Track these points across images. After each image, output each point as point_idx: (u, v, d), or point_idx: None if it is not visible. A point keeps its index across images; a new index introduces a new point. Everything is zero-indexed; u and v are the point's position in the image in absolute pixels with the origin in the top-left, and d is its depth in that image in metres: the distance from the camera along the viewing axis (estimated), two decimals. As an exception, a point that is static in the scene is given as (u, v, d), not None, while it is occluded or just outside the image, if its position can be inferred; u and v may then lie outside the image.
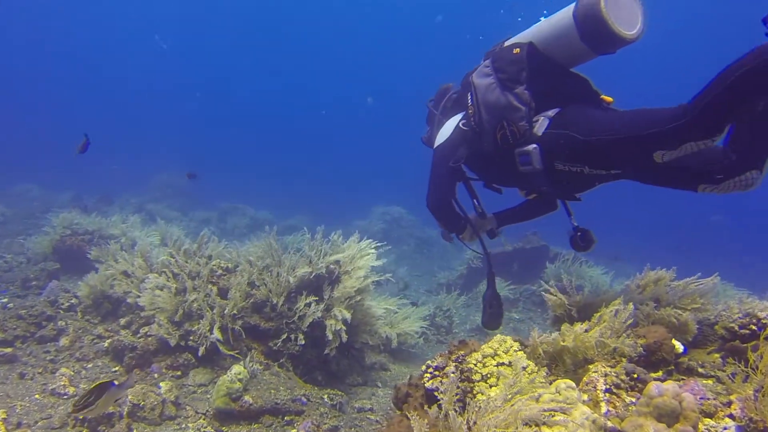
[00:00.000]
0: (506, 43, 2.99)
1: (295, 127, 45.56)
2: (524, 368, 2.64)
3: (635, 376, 2.36)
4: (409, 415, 2.32)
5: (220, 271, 4.84)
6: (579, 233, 3.19)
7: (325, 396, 4.18)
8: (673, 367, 2.52)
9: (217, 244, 5.26)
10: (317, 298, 4.50)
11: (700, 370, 2.48)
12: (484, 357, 2.67)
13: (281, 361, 4.39)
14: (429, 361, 2.84)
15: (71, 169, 17.70)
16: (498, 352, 2.68)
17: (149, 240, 7.89)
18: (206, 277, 4.65)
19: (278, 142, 41.66)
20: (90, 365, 4.47)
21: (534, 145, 2.71)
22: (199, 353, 4.26)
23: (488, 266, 3.30)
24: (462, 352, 2.85)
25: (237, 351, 4.35)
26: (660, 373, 2.50)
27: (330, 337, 4.34)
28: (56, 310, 5.23)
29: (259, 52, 43.31)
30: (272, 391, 3.94)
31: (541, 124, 2.75)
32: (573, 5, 2.68)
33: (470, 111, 2.93)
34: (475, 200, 3.32)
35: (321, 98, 46.62)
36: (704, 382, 2.36)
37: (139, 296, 4.59)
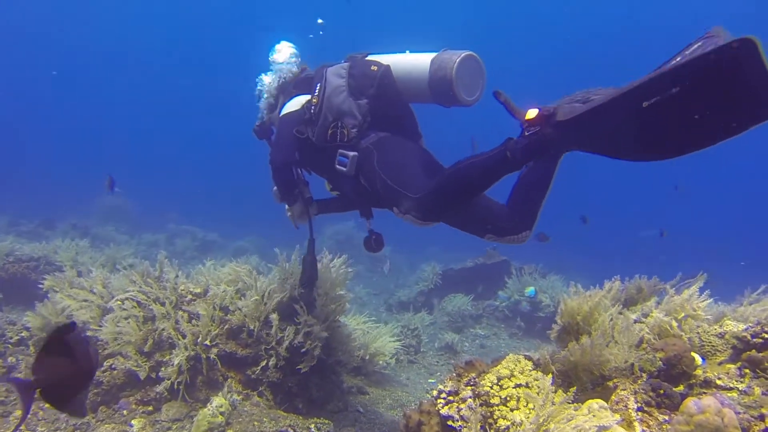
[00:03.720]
0: (368, 57, 3.35)
1: (236, 144, 44.50)
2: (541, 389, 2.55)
3: (661, 391, 2.30)
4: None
5: (189, 297, 4.55)
6: (374, 237, 3.61)
7: (312, 426, 3.96)
8: (693, 381, 2.48)
9: (175, 268, 4.94)
10: (295, 321, 4.29)
11: (718, 382, 2.45)
12: (500, 379, 2.56)
13: (260, 389, 4.15)
14: (440, 386, 2.72)
15: (3, 191, 16.71)
16: (514, 373, 2.58)
17: (99, 262, 7.49)
18: (175, 303, 4.37)
19: (220, 161, 40.52)
20: (48, 404, 4.07)
21: (355, 153, 3.07)
22: (158, 389, 3.96)
23: (310, 232, 3.75)
24: (473, 374, 2.74)
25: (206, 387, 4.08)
26: (682, 387, 2.46)
27: (308, 357, 4.18)
28: (4, 344, 4.80)
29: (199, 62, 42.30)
30: (255, 423, 3.69)
31: (368, 139, 3.12)
32: (434, 54, 3.10)
33: (314, 100, 3.21)
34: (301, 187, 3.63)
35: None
36: (728, 395, 2.33)
37: (99, 328, 4.25)
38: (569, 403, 2.23)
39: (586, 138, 2.24)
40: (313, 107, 3.19)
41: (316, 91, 3.21)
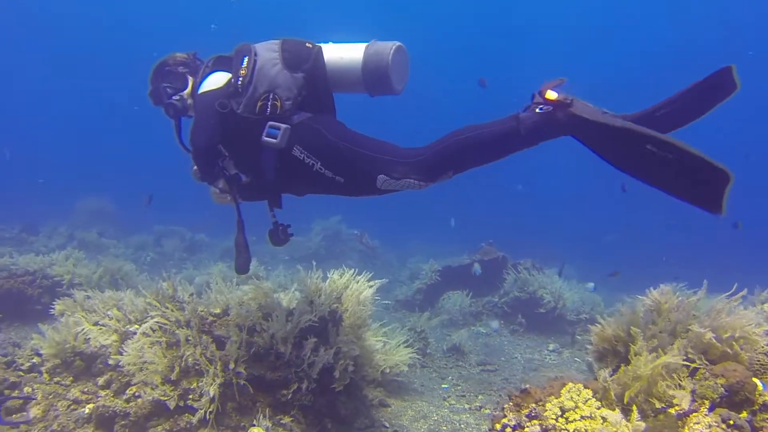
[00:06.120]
0: None
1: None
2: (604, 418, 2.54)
3: (731, 422, 2.31)
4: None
5: (210, 318, 4.45)
6: (281, 228, 3.61)
7: (350, 450, 3.93)
8: (756, 407, 2.49)
9: (189, 288, 4.81)
10: (324, 342, 4.23)
11: (779, 406, 2.47)
12: (564, 411, 2.55)
13: (292, 413, 4.09)
14: (505, 420, 2.68)
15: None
16: (578, 404, 2.56)
17: (97, 274, 7.36)
18: (198, 327, 4.27)
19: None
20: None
21: (287, 126, 3.01)
22: (193, 420, 3.84)
23: (238, 213, 3.53)
24: (533, 405, 2.71)
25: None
26: (745, 414, 2.47)
27: (340, 377, 4.19)
28: (16, 373, 4.62)
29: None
30: (295, 451, 3.64)
31: (300, 116, 3.09)
32: (366, 44, 3.15)
33: (242, 72, 3.07)
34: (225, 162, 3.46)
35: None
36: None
37: (119, 357, 4.12)
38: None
39: (583, 136, 2.58)
40: (240, 78, 3.05)
41: (244, 63, 3.08)
